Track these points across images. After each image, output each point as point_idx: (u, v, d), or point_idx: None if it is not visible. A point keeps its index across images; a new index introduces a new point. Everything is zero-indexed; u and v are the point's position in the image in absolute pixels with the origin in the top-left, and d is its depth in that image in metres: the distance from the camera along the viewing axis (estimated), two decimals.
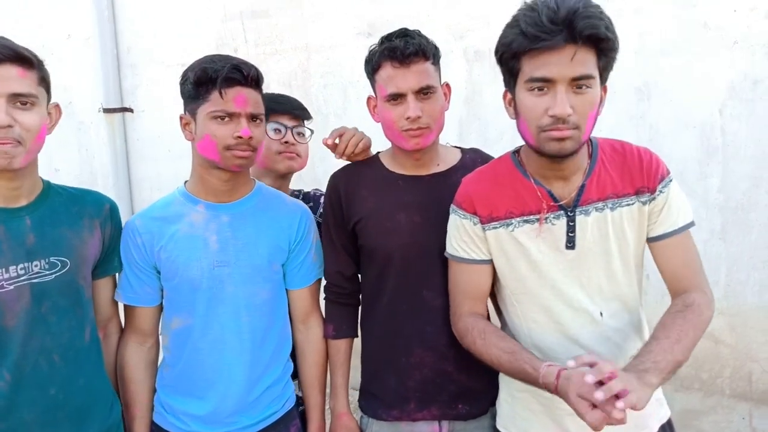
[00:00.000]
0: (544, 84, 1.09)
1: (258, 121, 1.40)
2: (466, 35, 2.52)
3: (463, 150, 1.56)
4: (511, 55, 1.12)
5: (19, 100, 1.20)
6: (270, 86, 2.27)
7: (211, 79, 1.33)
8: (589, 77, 1.09)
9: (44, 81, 1.27)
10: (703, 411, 2.30)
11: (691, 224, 1.23)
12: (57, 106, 1.32)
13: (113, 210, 1.44)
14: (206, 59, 1.39)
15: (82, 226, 1.34)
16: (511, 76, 1.16)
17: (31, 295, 1.24)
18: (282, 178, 1.77)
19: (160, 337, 1.51)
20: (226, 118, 1.34)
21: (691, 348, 1.10)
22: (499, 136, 2.48)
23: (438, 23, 2.50)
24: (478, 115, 2.53)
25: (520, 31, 1.07)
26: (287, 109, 1.73)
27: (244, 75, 1.35)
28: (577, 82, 1.08)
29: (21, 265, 1.23)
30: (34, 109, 1.23)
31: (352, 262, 1.54)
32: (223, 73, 1.33)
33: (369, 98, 1.50)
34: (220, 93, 1.33)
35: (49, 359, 1.26)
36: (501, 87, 1.25)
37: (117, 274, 1.49)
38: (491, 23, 2.44)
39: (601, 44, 1.08)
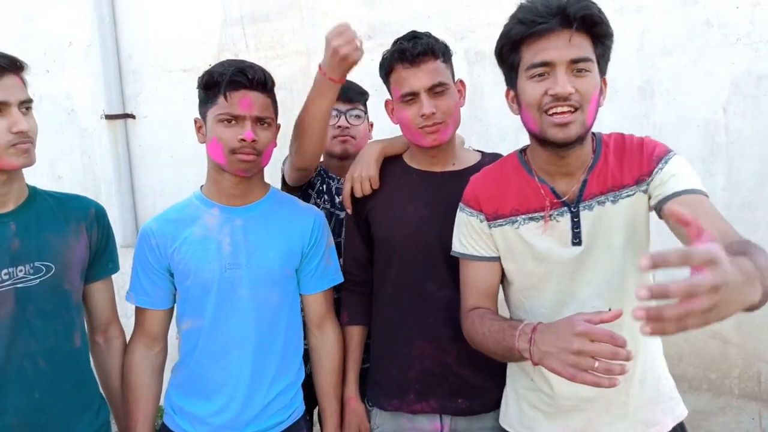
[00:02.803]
0: (544, 68, 1.11)
1: (266, 124, 1.40)
2: (467, 36, 2.52)
3: (483, 154, 1.58)
4: (510, 47, 1.15)
5: (25, 106, 1.25)
6: None
7: (216, 82, 1.36)
8: (587, 60, 1.11)
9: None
10: (712, 412, 2.28)
11: (706, 195, 1.11)
12: None
13: (99, 214, 1.44)
14: (219, 63, 1.40)
15: (69, 231, 1.35)
16: (512, 70, 1.18)
17: (16, 299, 1.24)
18: (343, 159, 1.80)
19: (175, 339, 1.52)
20: (232, 121, 1.36)
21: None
22: (501, 138, 2.47)
23: (438, 25, 2.50)
24: (479, 117, 2.52)
25: (518, 20, 1.13)
26: (341, 94, 1.67)
27: (249, 78, 1.36)
28: (577, 65, 1.10)
29: (5, 271, 1.24)
30: (31, 112, 1.28)
31: (366, 250, 1.58)
32: (227, 77, 1.34)
33: (387, 102, 1.54)
34: (225, 96, 1.35)
35: (34, 363, 1.27)
36: (502, 88, 1.25)
37: (128, 280, 1.49)
38: (492, 24, 2.43)
39: (595, 28, 1.11)
